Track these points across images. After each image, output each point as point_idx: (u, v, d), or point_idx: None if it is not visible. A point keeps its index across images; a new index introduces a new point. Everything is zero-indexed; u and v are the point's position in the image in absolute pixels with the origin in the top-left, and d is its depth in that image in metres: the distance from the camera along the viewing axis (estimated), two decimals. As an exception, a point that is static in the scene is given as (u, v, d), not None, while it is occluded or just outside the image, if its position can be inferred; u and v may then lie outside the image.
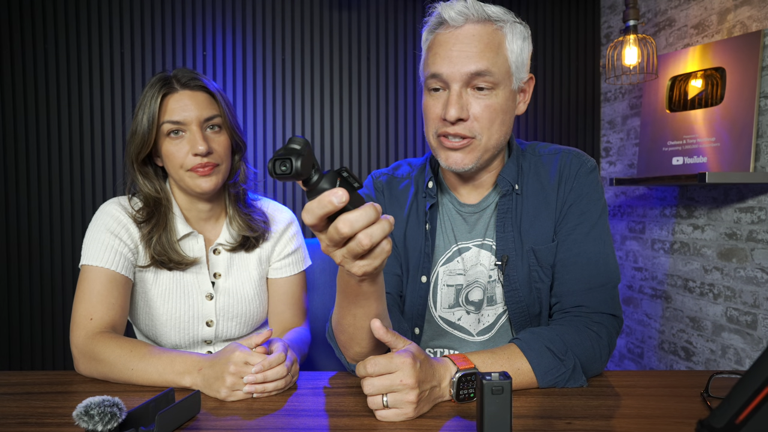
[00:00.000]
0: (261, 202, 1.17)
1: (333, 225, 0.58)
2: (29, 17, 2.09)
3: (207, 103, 1.02)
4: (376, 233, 0.59)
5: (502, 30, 0.89)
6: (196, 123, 1.00)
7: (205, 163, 1.00)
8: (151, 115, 0.99)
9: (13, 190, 2.10)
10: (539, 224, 0.94)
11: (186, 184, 1.02)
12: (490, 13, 0.88)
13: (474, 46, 0.86)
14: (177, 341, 1.06)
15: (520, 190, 0.96)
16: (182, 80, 1.01)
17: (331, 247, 0.61)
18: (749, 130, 1.58)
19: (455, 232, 0.99)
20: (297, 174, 0.56)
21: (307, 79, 2.27)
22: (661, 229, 2.02)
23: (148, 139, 0.99)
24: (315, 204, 0.57)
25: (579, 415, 0.72)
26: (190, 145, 0.99)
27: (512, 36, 0.89)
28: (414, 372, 0.70)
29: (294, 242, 1.16)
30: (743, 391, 0.41)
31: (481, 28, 0.88)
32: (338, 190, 0.56)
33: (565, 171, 0.96)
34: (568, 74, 2.43)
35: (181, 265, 1.04)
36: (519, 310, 0.94)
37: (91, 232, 1.01)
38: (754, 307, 1.60)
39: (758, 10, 1.58)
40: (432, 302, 0.99)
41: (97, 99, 2.14)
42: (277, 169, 0.56)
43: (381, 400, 0.70)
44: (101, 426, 0.61)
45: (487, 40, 0.87)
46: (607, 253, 0.92)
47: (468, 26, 0.88)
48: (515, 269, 0.94)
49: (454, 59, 0.87)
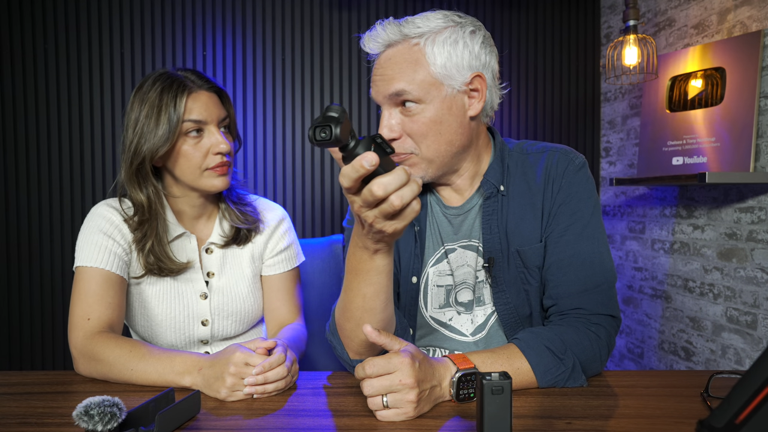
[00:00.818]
0: (251, 198, 1.18)
1: (367, 187, 0.62)
2: (29, 17, 2.09)
3: (220, 104, 1.05)
4: (406, 195, 0.62)
5: (419, 45, 0.88)
6: (215, 122, 1.01)
7: (224, 162, 1.02)
8: (177, 115, 0.97)
9: (13, 189, 2.10)
10: (525, 225, 0.94)
11: (200, 183, 1.02)
12: (407, 31, 0.88)
13: (389, 68, 0.88)
14: (173, 341, 1.06)
15: (505, 190, 0.95)
16: (197, 81, 1.02)
17: (364, 208, 0.65)
18: (749, 130, 1.58)
19: (441, 233, 0.99)
20: (336, 140, 0.58)
21: (307, 79, 2.27)
22: (661, 229, 2.02)
23: (172, 139, 0.97)
24: (349, 169, 0.60)
25: (579, 415, 0.72)
26: (211, 144, 1.00)
27: (433, 47, 0.87)
28: (413, 372, 0.70)
29: (286, 239, 1.16)
30: (743, 391, 0.41)
31: (398, 49, 0.89)
32: (369, 154, 0.59)
33: (552, 170, 0.94)
34: (568, 74, 2.43)
35: (174, 272, 1.04)
36: (508, 311, 0.94)
37: (84, 235, 1.01)
38: (754, 307, 1.60)
39: (758, 10, 1.58)
40: (423, 303, 0.99)
41: (97, 99, 2.14)
42: (317, 135, 0.58)
43: (381, 401, 0.70)
44: (101, 426, 0.61)
45: (402, 60, 0.88)
46: (602, 252, 0.91)
47: (387, 51, 0.90)
48: (502, 270, 0.94)
49: (377, 83, 0.90)
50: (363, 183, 0.63)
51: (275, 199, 2.26)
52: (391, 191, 0.61)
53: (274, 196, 2.27)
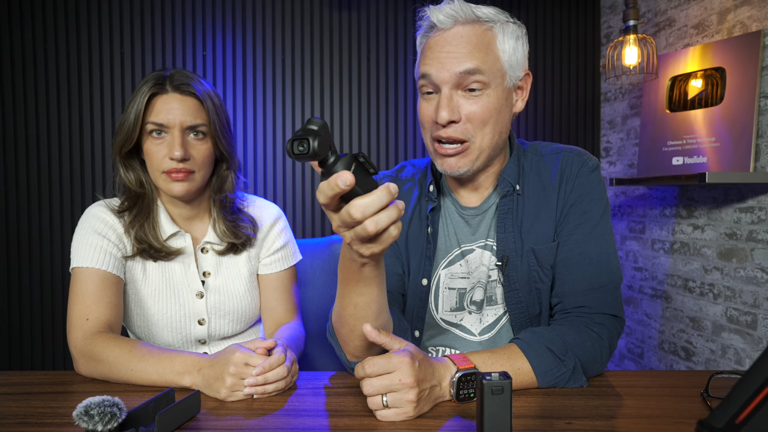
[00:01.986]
0: (248, 201, 1.17)
1: (346, 208, 0.60)
2: (29, 17, 2.09)
3: (194, 110, 1.01)
4: (382, 220, 0.60)
5: (492, 30, 0.88)
6: (179, 128, 1.00)
7: (180, 168, 1.00)
8: (137, 112, 0.99)
9: (13, 189, 2.10)
10: (540, 224, 0.94)
11: (160, 185, 1.02)
12: (480, 14, 0.88)
13: (462, 46, 0.86)
14: (170, 341, 1.06)
15: (521, 190, 0.96)
16: (175, 83, 1.01)
17: (342, 228, 0.64)
18: (749, 130, 1.58)
19: (458, 234, 0.99)
20: (314, 154, 0.56)
21: (307, 79, 2.27)
22: (661, 229, 2.02)
23: (132, 135, 1.00)
24: (326, 185, 0.59)
25: (579, 415, 0.72)
26: (168, 148, 1.00)
27: (503, 36, 0.89)
28: (413, 371, 0.70)
29: (282, 237, 1.16)
30: (743, 391, 0.41)
31: (470, 29, 0.88)
32: (345, 173, 0.57)
33: (567, 171, 0.96)
34: (568, 74, 2.43)
35: (162, 253, 1.04)
36: (519, 310, 0.94)
37: (78, 236, 1.01)
38: (754, 307, 1.60)
39: (758, 10, 1.58)
40: (433, 305, 0.99)
41: (97, 99, 2.14)
42: (295, 149, 0.57)
43: (381, 400, 0.70)
44: (101, 426, 0.61)
45: (476, 41, 0.87)
46: (609, 253, 0.92)
47: (456, 28, 0.88)
48: (515, 269, 0.94)
49: (443, 60, 0.87)
50: (344, 200, 0.61)
51: (275, 199, 2.26)
52: (369, 215, 0.60)
53: (273, 196, 2.27)
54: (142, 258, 1.05)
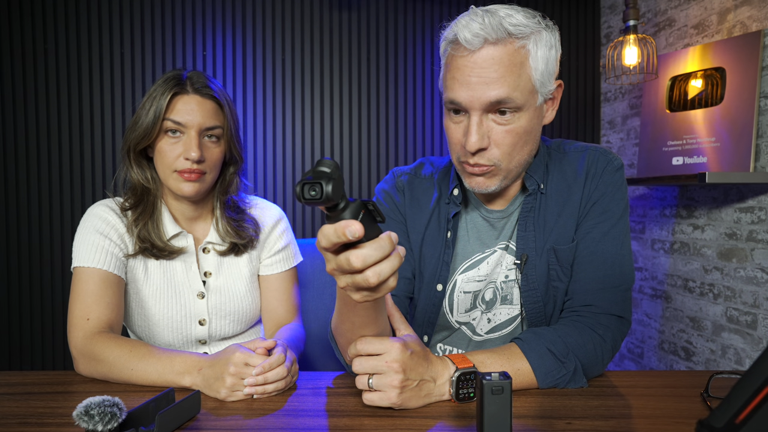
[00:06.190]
0: (250, 202, 1.18)
1: (345, 256, 0.56)
2: (29, 17, 2.09)
3: (213, 113, 1.03)
4: (385, 271, 0.57)
5: (525, 47, 0.81)
6: (196, 129, 1.01)
7: (194, 169, 1.00)
8: (158, 110, 0.99)
9: (13, 189, 2.10)
10: (562, 223, 0.93)
11: (169, 184, 1.02)
12: (511, 28, 0.80)
13: (493, 71, 0.80)
14: (171, 341, 1.06)
15: (545, 188, 0.95)
16: (195, 85, 1.02)
17: (337, 272, 0.59)
18: (749, 130, 1.58)
19: (481, 238, 0.97)
20: (327, 199, 0.52)
21: (307, 80, 2.27)
22: (661, 229, 2.02)
23: (151, 132, 1.00)
24: (331, 231, 0.55)
25: (579, 415, 0.72)
26: (183, 148, 1.00)
27: (536, 49, 0.82)
28: (401, 357, 0.71)
29: (283, 239, 1.17)
30: (743, 391, 0.41)
31: (501, 50, 0.80)
32: (355, 225, 0.53)
33: (592, 169, 0.94)
34: (568, 74, 2.43)
35: (165, 252, 1.04)
36: (535, 310, 0.93)
37: (80, 235, 1.01)
38: (754, 307, 1.60)
39: (758, 10, 1.58)
40: (448, 309, 0.98)
41: (97, 99, 2.14)
42: (306, 194, 0.52)
43: (366, 381, 0.72)
44: (101, 426, 0.61)
45: (508, 63, 0.80)
46: (624, 254, 0.91)
47: (486, 49, 0.80)
48: (534, 268, 0.93)
49: (473, 86, 0.80)
50: (342, 247, 0.57)
51: (275, 199, 2.26)
52: (370, 264, 0.56)
53: (273, 197, 2.26)
54: (144, 256, 1.05)
